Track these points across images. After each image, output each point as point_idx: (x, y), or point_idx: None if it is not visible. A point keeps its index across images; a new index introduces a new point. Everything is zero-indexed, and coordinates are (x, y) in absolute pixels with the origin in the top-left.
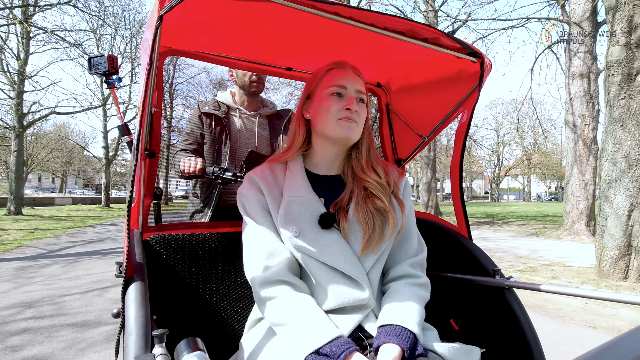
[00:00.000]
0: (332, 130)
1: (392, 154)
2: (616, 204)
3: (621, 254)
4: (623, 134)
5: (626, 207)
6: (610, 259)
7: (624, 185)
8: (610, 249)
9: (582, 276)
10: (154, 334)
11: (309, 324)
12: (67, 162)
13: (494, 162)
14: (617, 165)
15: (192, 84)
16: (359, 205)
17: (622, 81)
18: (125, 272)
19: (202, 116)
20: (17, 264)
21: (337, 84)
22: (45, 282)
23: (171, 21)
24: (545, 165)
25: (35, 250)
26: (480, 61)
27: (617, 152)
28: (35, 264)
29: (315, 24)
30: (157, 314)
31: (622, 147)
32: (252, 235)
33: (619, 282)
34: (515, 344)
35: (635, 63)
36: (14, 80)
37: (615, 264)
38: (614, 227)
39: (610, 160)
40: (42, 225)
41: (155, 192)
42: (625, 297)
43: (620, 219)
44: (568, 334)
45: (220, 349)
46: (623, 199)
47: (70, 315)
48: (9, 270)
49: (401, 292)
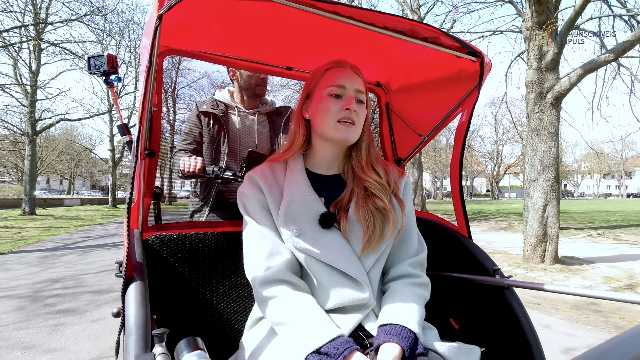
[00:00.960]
0: (331, 131)
1: (392, 154)
2: (534, 199)
3: (538, 241)
4: (538, 141)
5: (542, 202)
6: (530, 246)
7: (539, 184)
8: (530, 237)
9: (511, 261)
10: (154, 333)
11: (309, 323)
12: (74, 164)
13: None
14: (534, 167)
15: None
16: (359, 205)
17: (536, 98)
18: (125, 272)
19: (201, 115)
20: (39, 254)
21: (336, 84)
22: (65, 266)
23: (171, 20)
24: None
25: (52, 244)
26: (480, 60)
27: (534, 156)
28: (54, 254)
29: (315, 23)
30: (157, 313)
31: (538, 153)
32: (252, 235)
33: (537, 265)
34: (515, 343)
35: (546, 84)
36: (27, 90)
37: (534, 250)
38: (533, 219)
39: (530, 164)
40: (55, 223)
41: (155, 191)
42: (625, 296)
43: (537, 212)
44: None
45: (221, 348)
46: (539, 196)
47: (88, 286)
48: (34, 258)
49: (401, 292)
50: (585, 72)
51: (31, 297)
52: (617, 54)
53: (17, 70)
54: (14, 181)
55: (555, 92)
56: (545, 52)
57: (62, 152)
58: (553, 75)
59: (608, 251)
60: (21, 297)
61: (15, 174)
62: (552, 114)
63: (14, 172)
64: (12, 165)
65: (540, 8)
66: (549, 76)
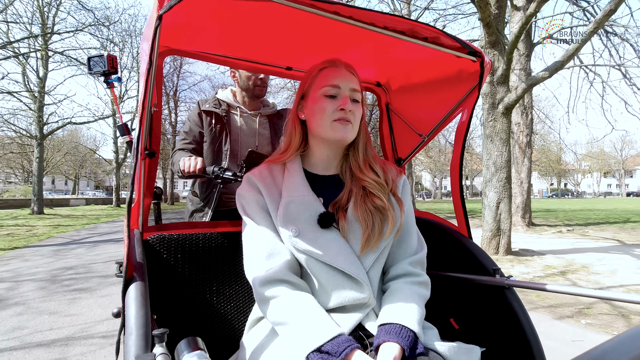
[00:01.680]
0: (327, 131)
1: (392, 154)
2: (489, 198)
3: (493, 235)
4: (492, 146)
5: (495, 200)
6: (486, 239)
7: (493, 184)
8: (486, 232)
9: None
10: (154, 333)
11: (310, 322)
12: (79, 165)
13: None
14: (489, 169)
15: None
16: (357, 204)
17: (489, 108)
18: (126, 272)
19: (202, 114)
20: (51, 248)
21: (331, 84)
22: (76, 257)
23: (170, 21)
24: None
25: (62, 239)
26: (480, 60)
27: (489, 159)
28: (65, 248)
29: (314, 23)
30: (157, 313)
31: (492, 156)
32: (251, 236)
33: (492, 256)
34: (515, 343)
35: (497, 95)
36: (35, 95)
37: (490, 242)
38: (488, 215)
39: (486, 166)
40: (63, 222)
41: (155, 191)
42: (625, 296)
43: (491, 209)
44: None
45: (221, 348)
46: (493, 195)
47: (97, 272)
48: (47, 251)
49: (401, 291)
50: (528, 86)
51: (50, 280)
52: (551, 72)
53: (26, 77)
54: (20, 182)
55: (505, 103)
56: (497, 67)
57: (67, 154)
58: (503, 88)
59: (566, 245)
60: (42, 280)
61: (22, 175)
62: (503, 122)
63: (20, 173)
64: (19, 167)
65: (489, 30)
66: (500, 89)
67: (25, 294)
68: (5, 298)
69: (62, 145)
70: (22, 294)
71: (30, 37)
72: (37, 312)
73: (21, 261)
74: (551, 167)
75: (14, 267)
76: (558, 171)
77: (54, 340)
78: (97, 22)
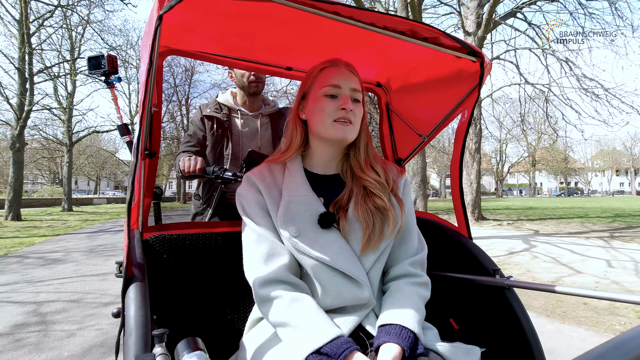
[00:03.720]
0: (328, 131)
1: (392, 154)
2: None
3: None
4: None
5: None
6: None
7: (412, 186)
8: None
9: None
10: (154, 333)
11: (309, 323)
12: (100, 166)
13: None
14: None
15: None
16: (358, 204)
17: None
18: (125, 272)
19: (204, 118)
20: (85, 234)
21: (331, 84)
22: (104, 239)
23: (171, 21)
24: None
25: (91, 229)
26: (480, 61)
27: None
28: (95, 234)
29: (315, 23)
30: (157, 313)
31: (410, 163)
32: (251, 236)
33: None
34: (515, 343)
35: None
36: (65, 108)
37: None
38: None
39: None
40: (89, 217)
41: (155, 191)
42: (625, 297)
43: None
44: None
45: (221, 348)
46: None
47: (120, 247)
48: (82, 236)
49: (401, 292)
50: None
51: (89, 251)
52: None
53: (57, 93)
54: (47, 182)
55: None
56: None
57: (90, 156)
58: None
59: (489, 233)
60: (84, 251)
61: (49, 177)
62: None
63: (47, 175)
64: (47, 169)
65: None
66: None
67: (76, 257)
68: (64, 260)
69: (85, 150)
70: (74, 258)
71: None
72: (85, 264)
73: (66, 242)
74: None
75: (62, 245)
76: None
77: (97, 275)
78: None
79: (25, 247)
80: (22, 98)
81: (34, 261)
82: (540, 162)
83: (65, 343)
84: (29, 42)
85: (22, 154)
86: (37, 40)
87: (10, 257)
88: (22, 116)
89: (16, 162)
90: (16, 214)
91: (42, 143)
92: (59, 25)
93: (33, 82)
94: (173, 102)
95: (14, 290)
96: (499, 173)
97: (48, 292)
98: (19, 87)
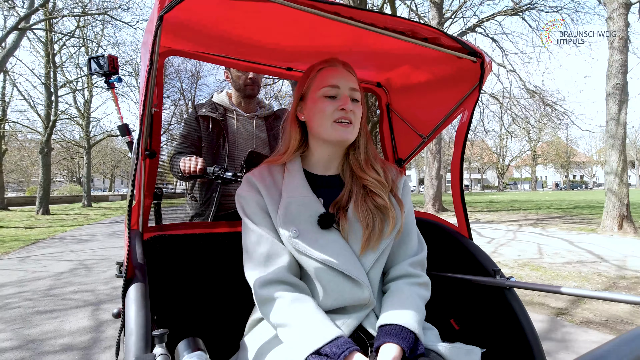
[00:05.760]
0: (328, 132)
1: (392, 154)
2: None
3: None
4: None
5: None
6: None
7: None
8: None
9: None
10: (154, 334)
11: (309, 324)
12: (114, 165)
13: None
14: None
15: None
16: (358, 204)
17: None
18: (126, 273)
19: (199, 118)
20: (105, 225)
21: (330, 84)
22: (120, 227)
23: (171, 21)
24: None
25: (109, 221)
26: (481, 61)
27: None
28: (114, 224)
29: (315, 23)
30: (157, 314)
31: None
32: (251, 237)
33: None
34: (515, 344)
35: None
36: (83, 115)
37: None
38: None
39: None
40: (107, 212)
41: (155, 192)
42: (625, 297)
43: None
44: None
45: (221, 349)
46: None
47: None
48: (102, 226)
49: (401, 292)
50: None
51: (109, 235)
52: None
53: (76, 101)
54: (66, 181)
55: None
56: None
57: (105, 156)
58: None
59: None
60: (105, 235)
61: (68, 176)
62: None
63: (66, 174)
64: (66, 169)
65: None
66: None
67: (99, 238)
68: (91, 240)
69: (101, 150)
70: (98, 239)
71: (82, 76)
72: (107, 242)
73: (90, 229)
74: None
75: (88, 232)
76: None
77: (116, 247)
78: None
79: (60, 233)
80: (48, 109)
81: (70, 241)
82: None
83: (102, 276)
84: (53, 61)
85: (49, 157)
86: (60, 59)
87: (52, 239)
88: (49, 125)
89: (45, 165)
90: (46, 209)
91: (62, 145)
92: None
93: (57, 95)
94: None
95: (63, 254)
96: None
97: (85, 255)
98: (45, 100)
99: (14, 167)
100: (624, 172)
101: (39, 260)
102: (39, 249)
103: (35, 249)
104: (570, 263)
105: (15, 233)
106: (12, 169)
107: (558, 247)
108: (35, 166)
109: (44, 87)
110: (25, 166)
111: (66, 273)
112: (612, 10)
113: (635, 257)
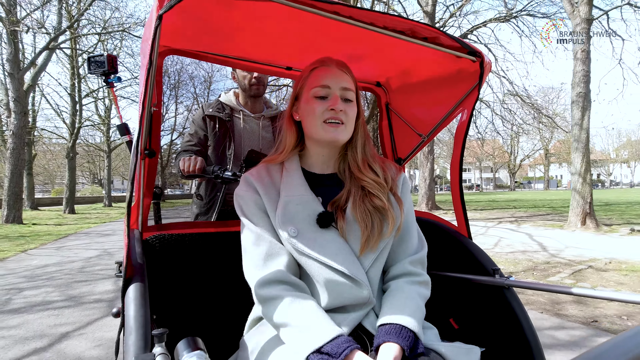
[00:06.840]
0: (319, 133)
1: (391, 153)
2: None
3: None
4: None
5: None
6: None
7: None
8: None
9: None
10: (153, 333)
11: (309, 323)
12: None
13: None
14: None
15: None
16: (356, 205)
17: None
18: (125, 272)
19: (206, 118)
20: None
21: (320, 84)
22: None
23: (171, 20)
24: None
25: None
26: (480, 60)
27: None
28: None
29: (315, 23)
30: (157, 313)
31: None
32: (250, 237)
33: None
34: (515, 343)
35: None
36: (104, 121)
37: None
38: None
39: None
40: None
41: (155, 191)
42: (625, 296)
43: None
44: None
45: (220, 348)
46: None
47: None
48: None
49: (401, 291)
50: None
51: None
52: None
53: (97, 109)
54: (87, 183)
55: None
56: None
57: (124, 159)
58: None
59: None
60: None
61: (89, 178)
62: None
63: (88, 176)
64: (87, 171)
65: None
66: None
67: (119, 233)
68: (113, 234)
69: (120, 153)
70: (118, 233)
71: (103, 86)
72: (119, 235)
73: (112, 226)
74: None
75: (110, 228)
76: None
77: None
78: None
79: (86, 229)
80: (73, 117)
81: (95, 235)
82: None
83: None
84: (78, 74)
85: (74, 161)
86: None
87: (79, 233)
88: (74, 131)
89: (70, 168)
90: (72, 208)
91: (85, 149)
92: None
93: (82, 104)
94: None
95: (89, 245)
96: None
97: (108, 245)
98: (71, 109)
99: (41, 170)
100: (587, 173)
101: (71, 249)
102: (69, 241)
103: (66, 241)
104: (513, 252)
105: (47, 229)
106: (39, 171)
107: (515, 240)
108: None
109: (70, 97)
110: (51, 169)
111: (94, 258)
112: (576, 25)
113: (574, 248)
